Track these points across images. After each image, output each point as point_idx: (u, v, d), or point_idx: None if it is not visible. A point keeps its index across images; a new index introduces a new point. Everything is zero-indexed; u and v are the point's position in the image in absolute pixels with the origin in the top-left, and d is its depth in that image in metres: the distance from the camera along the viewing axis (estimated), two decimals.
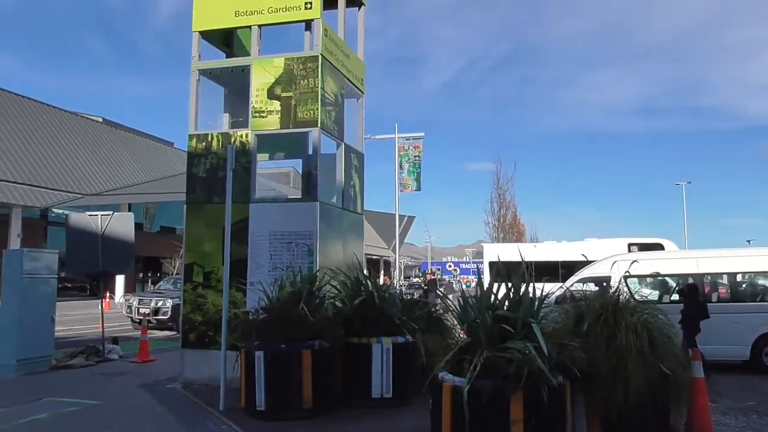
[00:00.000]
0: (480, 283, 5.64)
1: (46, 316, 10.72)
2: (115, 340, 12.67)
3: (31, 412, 7.25)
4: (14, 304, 10.27)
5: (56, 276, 11.21)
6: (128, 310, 18.36)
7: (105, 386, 9.12)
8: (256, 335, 6.99)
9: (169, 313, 17.08)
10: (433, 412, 5.12)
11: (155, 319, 17.13)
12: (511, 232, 45.98)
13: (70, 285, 32.67)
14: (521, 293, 5.29)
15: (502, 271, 5.87)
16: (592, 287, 10.12)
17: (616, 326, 5.47)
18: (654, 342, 5.45)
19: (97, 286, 33.75)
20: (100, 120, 44.50)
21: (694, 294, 9.70)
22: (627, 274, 9.33)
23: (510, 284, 5.36)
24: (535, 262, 11.19)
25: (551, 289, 6.82)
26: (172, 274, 36.28)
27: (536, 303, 5.30)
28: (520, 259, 5.83)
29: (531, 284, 5.33)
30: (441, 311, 7.89)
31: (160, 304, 17.40)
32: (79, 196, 34.03)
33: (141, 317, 17.06)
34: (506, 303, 5.31)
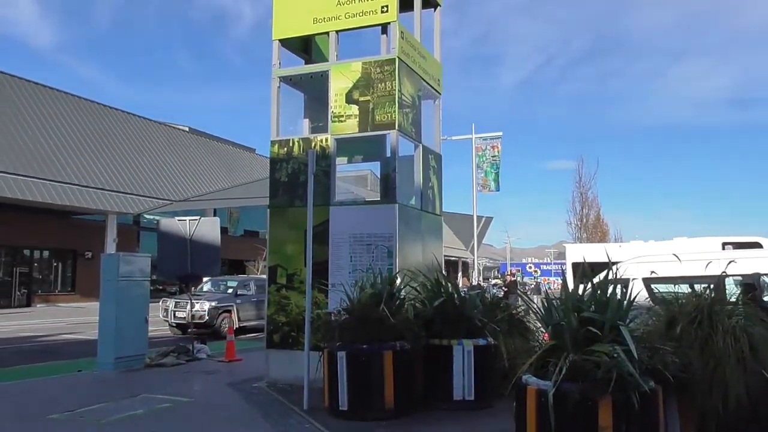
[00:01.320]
0: (565, 284, 5.49)
1: (141, 316, 11.28)
2: (203, 340, 13.18)
3: (129, 407, 7.64)
4: (111, 305, 10.86)
5: (149, 278, 11.78)
6: (164, 314, 17.55)
7: (195, 384, 9.50)
8: (338, 336, 7.10)
9: (206, 316, 16.87)
10: (518, 415, 5.02)
11: (193, 323, 15.41)
12: (594, 232, 44.56)
13: (161, 287, 34.31)
14: (608, 295, 5.11)
15: (587, 271, 5.69)
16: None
17: (712, 330, 5.19)
18: (755, 347, 5.13)
19: (186, 288, 35.26)
20: (187, 129, 46.45)
21: None
22: (724, 274, 8.84)
23: (596, 285, 5.20)
24: (620, 262, 10.77)
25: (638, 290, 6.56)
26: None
27: (624, 305, 5.11)
28: (605, 260, 5.64)
29: (618, 285, 5.15)
30: (522, 313, 7.75)
31: (197, 307, 16.69)
32: (168, 202, 35.65)
33: (178, 321, 17.04)
34: (592, 305, 5.15)
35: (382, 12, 8.99)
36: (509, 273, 45.17)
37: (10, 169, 27.60)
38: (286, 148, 9.49)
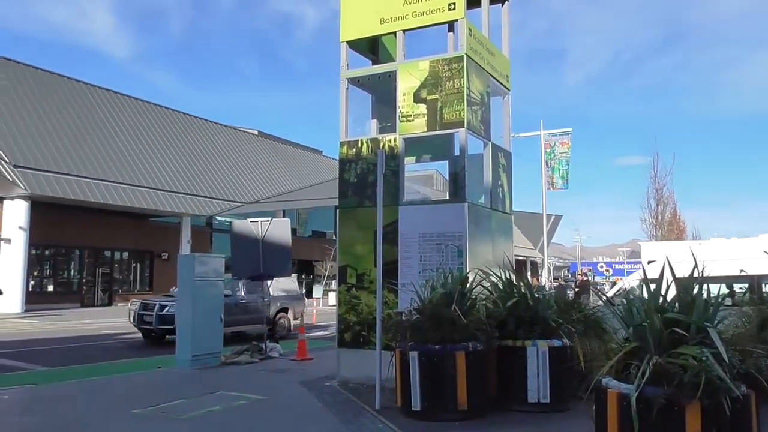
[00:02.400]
0: (646, 283, 5.28)
1: (215, 315, 11.62)
2: (275, 339, 13.44)
3: (207, 403, 7.86)
4: (188, 304, 11.23)
5: (223, 279, 12.12)
6: (132, 319, 16.00)
7: (269, 382, 9.68)
8: (409, 336, 7.08)
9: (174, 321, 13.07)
10: (597, 419, 4.86)
11: (158, 328, 15.04)
12: (670, 229, 42.91)
13: None
14: (694, 294, 4.88)
15: (667, 270, 5.45)
16: None
17: None
18: None
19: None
20: (256, 132, 47.56)
21: None
22: None
23: (679, 284, 4.97)
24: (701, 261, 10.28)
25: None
26: (324, 277, 37.94)
27: (712, 305, 4.87)
28: (683, 259, 5.39)
29: (704, 285, 4.91)
30: (599, 313, 7.52)
31: (165, 310, 15.00)
32: (239, 204, 36.59)
33: (145, 326, 15.47)
34: (676, 305, 4.93)
35: (450, 9, 8.92)
36: (580, 272, 44.04)
37: (93, 175, 28.99)
38: (354, 149, 9.55)
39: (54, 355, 12.98)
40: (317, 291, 37.00)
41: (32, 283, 28.63)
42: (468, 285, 7.53)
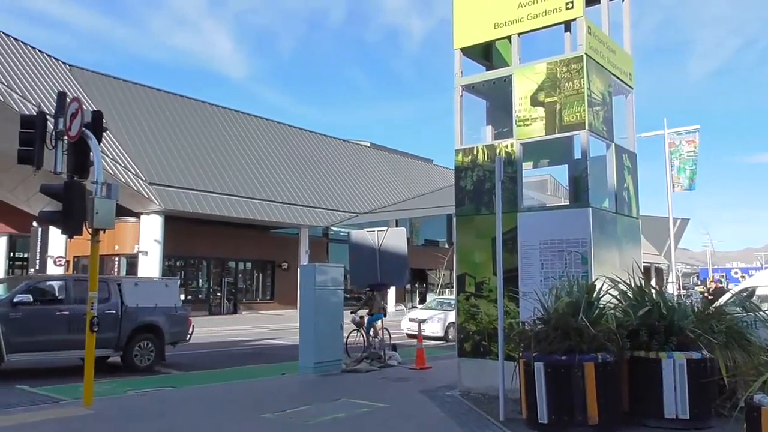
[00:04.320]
0: None
1: (336, 323, 11.87)
2: (394, 347, 13.54)
3: (331, 410, 8.03)
4: (310, 312, 11.55)
5: (342, 287, 12.38)
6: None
7: (390, 390, 9.75)
8: (534, 346, 6.87)
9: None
10: None
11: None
12: None
13: (348, 295, 36.08)
14: None
15: None
16: None
17: None
18: None
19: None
20: (368, 144, 48.48)
21: None
22: None
23: None
24: None
25: None
26: (437, 285, 37.91)
27: None
28: None
29: None
30: (746, 323, 6.95)
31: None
32: (354, 214, 37.38)
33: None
34: None
35: (567, 9, 8.65)
36: (711, 279, 41.12)
37: (218, 190, 30.73)
38: (470, 156, 9.46)
39: (186, 360, 13.81)
40: (431, 299, 36.96)
41: None
42: (595, 293, 7.21)
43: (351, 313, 13.21)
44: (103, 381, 9.92)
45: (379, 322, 13.19)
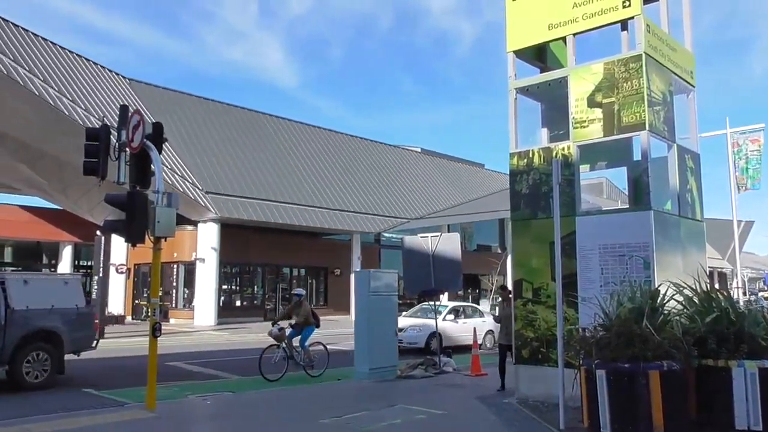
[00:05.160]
0: None
1: (390, 329, 11.86)
2: (449, 354, 13.44)
3: (388, 416, 8.01)
4: (364, 318, 11.58)
5: (396, 293, 12.36)
6: None
7: (445, 397, 9.67)
8: (595, 354, 6.69)
9: None
10: None
11: None
12: None
13: (401, 301, 36.05)
14: None
15: None
16: None
17: None
18: None
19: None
20: (419, 150, 48.45)
21: None
22: None
23: None
24: None
25: None
26: (490, 291, 37.49)
27: None
28: None
29: None
30: None
31: None
32: (405, 220, 37.37)
33: None
34: None
35: (624, 7, 8.44)
36: None
37: (271, 197, 31.22)
38: (525, 160, 9.32)
39: (244, 364, 14.00)
40: (484, 305, 36.61)
41: (222, 298, 31.30)
42: (659, 299, 6.98)
43: (272, 324, 12.32)
44: (164, 385, 10.16)
45: (311, 336, 12.21)
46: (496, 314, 12.26)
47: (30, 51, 24.40)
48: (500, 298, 12.18)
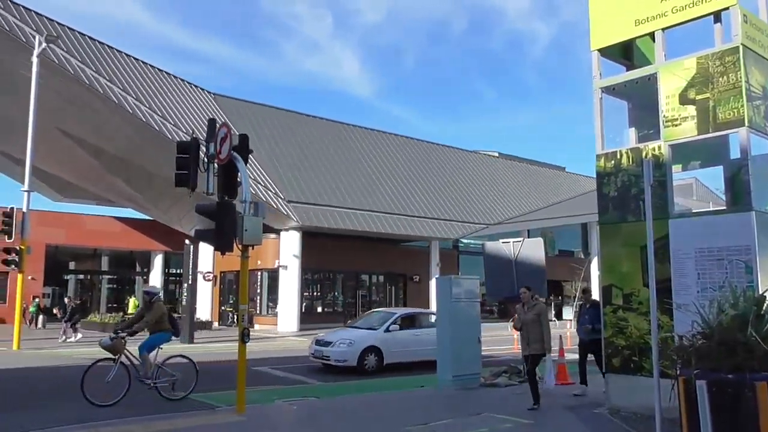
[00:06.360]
0: None
1: (473, 336, 11.70)
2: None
3: (474, 425, 7.89)
4: (446, 325, 11.48)
5: (478, 300, 12.20)
6: None
7: None
8: (695, 363, 6.34)
9: None
10: None
11: None
12: None
13: (489, 308, 35.80)
14: None
15: None
16: None
17: None
18: None
19: (504, 310, 36.09)
20: (496, 154, 47.89)
21: None
22: None
23: None
24: None
25: None
26: (573, 297, 36.44)
27: None
28: None
29: None
30: None
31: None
32: (483, 225, 36.95)
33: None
34: None
35: None
36: None
37: (350, 205, 31.62)
38: (613, 161, 9.00)
39: (326, 370, 14.18)
40: (567, 312, 35.63)
41: (304, 304, 31.95)
42: (765, 305, 6.54)
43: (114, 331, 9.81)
44: (251, 389, 10.43)
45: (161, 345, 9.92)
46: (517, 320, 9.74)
47: (123, 71, 25.83)
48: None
